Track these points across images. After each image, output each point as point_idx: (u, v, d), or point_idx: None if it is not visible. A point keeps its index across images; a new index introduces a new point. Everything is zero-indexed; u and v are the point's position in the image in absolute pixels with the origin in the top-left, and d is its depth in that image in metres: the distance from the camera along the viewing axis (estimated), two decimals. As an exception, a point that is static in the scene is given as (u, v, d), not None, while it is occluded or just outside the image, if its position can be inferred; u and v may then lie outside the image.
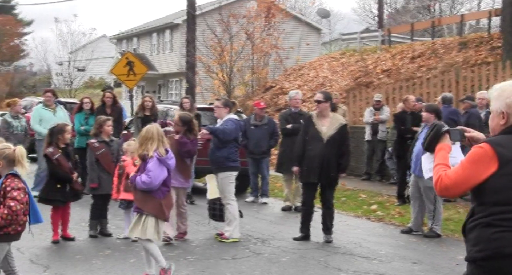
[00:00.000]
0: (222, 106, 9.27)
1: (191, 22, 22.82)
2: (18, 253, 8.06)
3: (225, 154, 9.14)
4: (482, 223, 3.61)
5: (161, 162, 6.89)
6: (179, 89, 37.18)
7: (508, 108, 3.67)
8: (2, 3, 55.09)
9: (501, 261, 3.52)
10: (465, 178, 3.63)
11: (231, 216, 9.20)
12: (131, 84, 19.63)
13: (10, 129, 12.54)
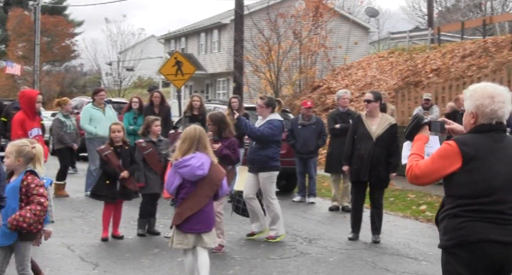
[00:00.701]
0: (265, 106, 9.11)
1: (239, 22, 22.88)
2: (69, 251, 8.21)
3: (270, 153, 9.08)
4: (449, 214, 3.98)
5: (174, 169, 6.36)
6: (227, 89, 37.32)
7: (477, 109, 4.01)
8: (54, 4, 56.16)
9: (466, 248, 3.89)
10: (433, 170, 4.02)
11: (274, 215, 9.12)
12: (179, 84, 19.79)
13: (63, 128, 12.76)
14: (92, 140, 12.58)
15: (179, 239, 6.40)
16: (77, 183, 13.60)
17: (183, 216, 6.30)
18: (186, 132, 6.42)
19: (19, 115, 8.97)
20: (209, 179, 6.35)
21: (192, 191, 6.33)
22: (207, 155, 6.36)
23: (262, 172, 9.15)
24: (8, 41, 54.89)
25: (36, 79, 41.19)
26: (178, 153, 6.32)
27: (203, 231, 6.40)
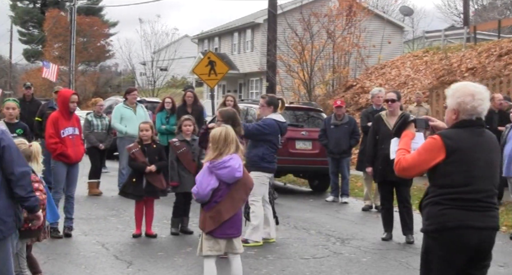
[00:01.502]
0: (266, 105, 8.86)
1: (272, 21, 22.86)
2: (103, 249, 8.30)
3: (260, 153, 8.76)
4: (432, 201, 4.39)
5: (209, 170, 6.02)
6: (260, 89, 37.33)
7: (459, 106, 4.39)
8: (90, 5, 56.80)
9: (446, 233, 4.31)
10: (419, 162, 4.39)
11: (254, 218, 8.72)
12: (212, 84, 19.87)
13: (91, 128, 12.97)
14: (123, 138, 12.72)
15: (210, 245, 6.06)
16: (111, 181, 13.75)
17: (220, 220, 5.97)
18: (223, 132, 6.08)
19: (54, 115, 9.10)
20: (243, 182, 6.11)
21: (227, 194, 6.03)
22: (240, 157, 6.15)
23: (252, 171, 8.86)
24: (45, 42, 55.69)
25: (71, 79, 41.70)
26: (215, 153, 6.01)
27: (235, 235, 6.15)
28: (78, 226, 9.65)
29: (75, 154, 8.93)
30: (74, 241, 8.81)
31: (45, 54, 54.17)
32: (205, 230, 6.04)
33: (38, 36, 58.38)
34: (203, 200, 6.03)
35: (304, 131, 14.08)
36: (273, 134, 8.79)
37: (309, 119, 14.73)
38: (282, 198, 13.16)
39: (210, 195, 5.98)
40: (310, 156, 13.96)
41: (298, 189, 15.53)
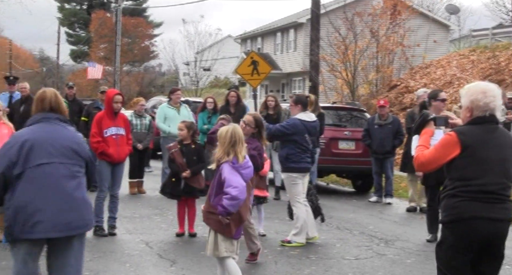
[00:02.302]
0: (293, 104, 8.82)
1: (315, 21, 22.75)
2: (147, 248, 8.37)
3: (284, 153, 8.73)
4: (448, 194, 4.65)
5: (235, 170, 5.85)
6: (303, 88, 37.23)
7: (472, 103, 4.64)
8: (135, 6, 57.47)
9: (460, 223, 4.57)
10: (436, 158, 4.68)
11: (295, 219, 8.71)
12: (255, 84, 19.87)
13: (130, 127, 13.04)
14: (166, 138, 12.82)
15: (227, 246, 5.96)
16: (155, 181, 13.88)
17: (241, 221, 5.99)
18: (235, 133, 5.94)
19: (99, 114, 9.25)
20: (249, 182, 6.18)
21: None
22: None
23: (282, 172, 8.97)
24: (91, 43, 56.56)
25: (116, 80, 42.23)
26: (234, 153, 5.87)
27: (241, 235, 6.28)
28: (123, 224, 9.76)
29: (118, 154, 9.02)
30: (118, 239, 8.92)
31: (91, 55, 55.00)
32: (230, 234, 5.95)
33: (84, 37, 59.34)
34: (243, 199, 5.82)
35: (347, 131, 14.00)
36: (297, 134, 8.67)
37: (352, 119, 14.65)
38: (325, 198, 13.10)
39: (246, 193, 5.87)
40: (353, 156, 13.87)
41: (341, 189, 15.45)
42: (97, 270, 7.25)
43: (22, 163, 4.61)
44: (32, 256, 4.72)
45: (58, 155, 4.72)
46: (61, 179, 4.68)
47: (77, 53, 61.55)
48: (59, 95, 5.05)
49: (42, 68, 73.58)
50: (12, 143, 4.71)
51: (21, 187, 4.60)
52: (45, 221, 4.57)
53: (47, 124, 4.83)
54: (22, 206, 4.56)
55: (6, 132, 8.56)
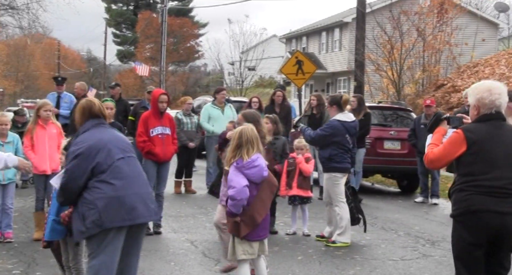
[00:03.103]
0: (329, 105, 8.90)
1: (361, 20, 22.59)
2: (192, 247, 8.43)
3: (327, 154, 8.72)
4: (457, 189, 4.89)
5: (238, 170, 5.80)
6: (348, 88, 37.01)
7: (478, 102, 4.85)
8: (180, 7, 57.93)
9: (469, 216, 4.80)
10: (444, 155, 4.93)
11: (340, 219, 8.65)
12: (299, 83, 19.85)
13: (181, 126, 13.13)
14: (210, 138, 12.88)
15: (244, 249, 5.85)
16: (200, 180, 13.96)
17: (254, 223, 5.79)
18: (245, 132, 5.87)
19: (145, 114, 9.35)
20: (268, 182, 5.93)
21: (256, 195, 5.81)
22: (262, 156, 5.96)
23: (324, 172, 8.93)
24: (137, 43, 57.22)
25: (162, 79, 42.62)
26: (241, 153, 5.80)
27: (266, 236, 6.03)
28: (168, 223, 9.85)
29: (164, 153, 9.10)
30: (163, 238, 9.00)
31: (137, 55, 55.65)
32: (240, 235, 5.83)
33: (131, 38, 60.05)
34: (244, 199, 5.71)
35: (393, 131, 13.86)
36: (338, 135, 8.68)
37: (397, 119, 14.50)
38: (370, 199, 13.00)
39: (248, 192, 5.72)
40: (399, 156, 13.73)
41: (386, 190, 15.30)
42: (142, 268, 7.31)
43: (102, 163, 4.97)
44: (120, 244, 5.03)
45: (128, 150, 5.20)
46: (139, 169, 5.23)
47: (124, 53, 62.34)
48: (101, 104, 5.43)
49: (89, 69, 74.76)
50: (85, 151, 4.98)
51: (108, 181, 4.95)
52: (139, 207, 4.99)
53: (103, 129, 5.23)
54: (114, 196, 4.92)
55: (55, 132, 8.73)
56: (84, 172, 4.92)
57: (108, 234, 4.91)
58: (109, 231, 4.90)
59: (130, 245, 5.14)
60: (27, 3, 30.14)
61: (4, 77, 53.51)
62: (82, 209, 4.93)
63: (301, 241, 8.96)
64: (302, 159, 9.25)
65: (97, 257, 4.96)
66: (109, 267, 4.99)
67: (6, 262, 7.40)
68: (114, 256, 5.00)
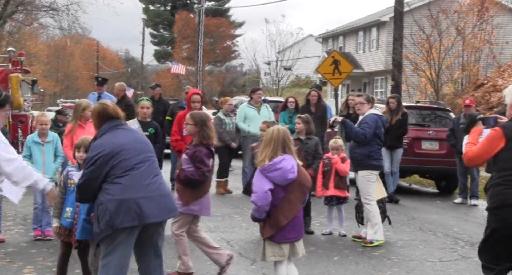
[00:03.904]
0: (366, 101, 8.98)
1: (399, 19, 22.38)
2: (228, 246, 8.45)
3: (366, 151, 8.72)
4: (495, 183, 5.16)
5: (261, 173, 5.69)
6: (385, 88, 36.73)
7: None
8: (217, 7, 58.18)
9: (505, 209, 5.01)
10: (483, 152, 5.19)
11: (372, 217, 8.65)
12: (336, 83, 19.75)
13: (223, 126, 13.13)
14: (246, 137, 12.89)
15: (273, 250, 5.78)
16: (236, 180, 13.97)
17: (279, 225, 5.69)
18: (270, 134, 5.81)
19: (180, 113, 9.44)
20: (298, 183, 5.76)
21: (283, 197, 5.70)
22: (293, 157, 5.80)
23: (359, 170, 8.83)
24: (174, 43, 57.62)
25: (199, 79, 42.85)
26: (263, 157, 5.70)
27: (297, 238, 5.88)
28: (204, 223, 9.86)
29: None
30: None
31: (174, 55, 56.03)
32: (264, 235, 5.81)
33: (168, 38, 60.51)
34: (266, 203, 5.63)
35: (431, 131, 13.72)
36: (379, 127, 8.84)
37: (436, 119, 14.34)
38: (407, 199, 12.88)
39: (270, 197, 5.62)
40: (437, 156, 13.57)
41: (424, 190, 15.14)
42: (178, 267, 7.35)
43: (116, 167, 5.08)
44: (131, 244, 5.14)
45: (146, 150, 5.29)
46: (156, 169, 5.29)
47: (161, 53, 62.85)
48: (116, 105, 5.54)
49: (127, 69, 75.55)
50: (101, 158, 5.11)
51: (120, 183, 5.06)
52: (149, 208, 5.06)
53: (120, 131, 5.32)
54: (125, 198, 5.01)
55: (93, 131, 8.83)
56: (98, 176, 5.08)
57: (120, 234, 5.04)
58: (121, 231, 5.03)
59: (148, 245, 5.28)
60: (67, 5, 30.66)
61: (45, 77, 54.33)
62: (97, 211, 5.10)
63: (337, 241, 8.91)
64: (338, 159, 9.23)
65: (109, 256, 5.08)
66: (121, 266, 5.10)
67: (46, 259, 7.51)
68: (126, 255, 5.12)
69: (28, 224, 9.41)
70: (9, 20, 31.66)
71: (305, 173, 5.94)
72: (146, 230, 5.17)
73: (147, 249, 5.30)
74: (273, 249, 5.78)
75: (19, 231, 9.21)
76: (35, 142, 8.71)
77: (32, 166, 5.63)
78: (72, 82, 69.24)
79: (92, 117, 5.49)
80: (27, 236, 8.85)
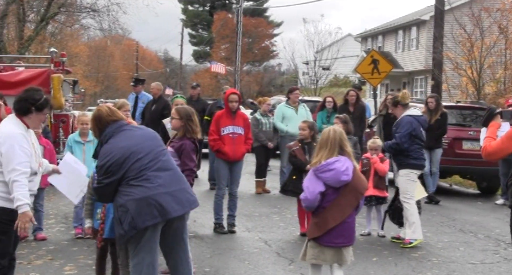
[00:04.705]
0: (393, 107, 9.04)
1: (439, 18, 22.12)
2: (266, 246, 8.44)
3: (405, 151, 8.71)
4: None
5: (314, 174, 5.62)
6: (424, 87, 36.32)
7: None
8: (255, 7, 58.24)
9: None
10: (502, 148, 5.23)
11: (410, 215, 8.60)
12: (375, 83, 19.64)
13: (259, 126, 13.14)
14: (284, 137, 12.87)
15: (314, 253, 5.64)
16: (274, 179, 13.97)
17: (326, 227, 5.54)
18: (326, 134, 5.71)
19: (218, 113, 9.46)
20: (352, 186, 5.61)
21: (334, 199, 5.58)
22: (349, 159, 5.69)
23: (400, 169, 8.80)
24: (213, 43, 57.88)
25: (237, 79, 42.93)
26: (319, 158, 5.62)
27: (345, 244, 5.66)
28: (242, 222, 9.89)
29: (234, 152, 9.14)
30: (237, 237, 9.04)
31: (212, 55, 56.28)
32: (309, 236, 5.70)
33: (206, 38, 60.80)
34: (313, 205, 5.59)
35: (472, 131, 13.50)
36: (415, 129, 8.75)
37: (477, 119, 14.09)
38: (448, 200, 12.72)
39: (318, 199, 5.55)
40: (479, 156, 13.25)
41: (465, 191, 14.93)
42: (217, 266, 7.38)
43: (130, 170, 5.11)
44: (157, 241, 5.19)
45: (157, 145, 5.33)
46: (169, 163, 5.32)
47: (199, 53, 63.19)
48: (111, 106, 5.58)
49: (166, 69, 76.13)
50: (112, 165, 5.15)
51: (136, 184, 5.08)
52: (168, 203, 5.09)
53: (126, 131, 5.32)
54: (143, 197, 5.03)
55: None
56: (113, 182, 5.13)
57: (145, 233, 5.08)
58: (145, 230, 5.06)
59: (173, 239, 5.34)
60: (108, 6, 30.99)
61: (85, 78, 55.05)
62: (118, 214, 5.15)
63: (376, 242, 8.83)
64: (377, 159, 9.19)
65: (138, 256, 5.14)
66: (152, 263, 5.15)
67: (87, 257, 7.61)
68: (153, 252, 5.17)
69: (69, 222, 9.56)
70: (52, 21, 32.16)
71: (361, 177, 5.80)
72: (169, 225, 5.22)
73: (173, 244, 5.35)
74: (314, 251, 5.65)
75: (60, 229, 9.35)
76: (76, 141, 8.84)
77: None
78: (112, 82, 70.04)
79: (91, 125, 5.53)
80: (68, 234, 8.99)
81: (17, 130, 5.19)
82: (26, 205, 5.02)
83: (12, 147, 5.06)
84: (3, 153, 5.07)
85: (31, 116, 5.31)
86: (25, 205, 5.01)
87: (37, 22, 30.47)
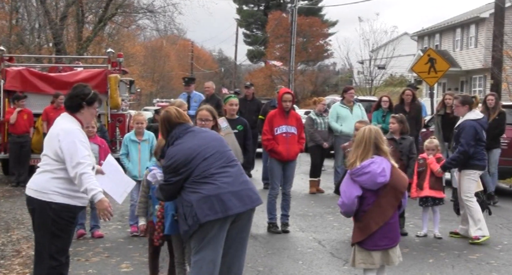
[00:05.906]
0: (460, 104, 8.94)
1: (499, 15, 21.60)
2: (320, 246, 8.40)
3: (470, 153, 8.76)
4: None
5: (350, 177, 5.49)
6: (483, 86, 35.58)
7: None
8: (310, 6, 58.04)
9: None
10: None
11: (474, 213, 8.68)
12: (431, 82, 19.32)
13: (314, 126, 13.07)
14: (338, 137, 12.78)
15: (363, 257, 5.52)
16: (328, 179, 13.90)
17: (368, 231, 5.44)
18: (361, 134, 5.55)
19: (271, 113, 9.46)
20: (391, 186, 5.44)
21: (374, 202, 5.43)
22: (386, 159, 5.50)
23: (464, 169, 8.87)
24: (267, 43, 57.95)
25: (291, 79, 42.87)
26: (354, 158, 5.48)
27: (390, 246, 5.53)
28: (296, 222, 9.86)
29: (287, 152, 9.11)
30: (291, 236, 9.02)
31: (266, 55, 56.35)
32: (353, 240, 5.59)
33: (261, 38, 60.92)
34: (351, 210, 5.46)
35: (533, 131, 13.13)
36: (478, 133, 8.80)
37: (538, 119, 13.72)
38: (508, 201, 12.42)
39: (356, 203, 5.41)
40: (540, 157, 12.98)
41: (525, 193, 14.54)
42: (271, 266, 7.38)
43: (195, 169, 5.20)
44: (222, 239, 5.22)
45: (222, 146, 5.42)
46: (232, 161, 5.38)
47: (254, 53, 63.35)
48: (179, 109, 5.62)
49: (221, 69, 76.57)
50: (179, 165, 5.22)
51: (202, 182, 5.17)
52: (231, 201, 5.16)
53: (192, 133, 5.39)
54: (207, 195, 5.11)
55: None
56: (179, 181, 5.21)
57: (211, 229, 5.11)
58: (211, 226, 5.11)
59: (234, 238, 5.33)
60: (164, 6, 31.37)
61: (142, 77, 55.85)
62: (182, 210, 5.21)
63: (432, 243, 8.69)
64: (434, 159, 9.05)
65: (200, 252, 5.15)
66: (213, 261, 5.17)
67: (142, 255, 7.70)
68: (217, 250, 5.18)
69: (125, 221, 9.70)
70: (109, 22, 32.73)
71: (401, 175, 5.62)
72: (235, 224, 5.25)
73: (233, 242, 5.35)
74: (362, 256, 5.53)
75: (117, 227, 9.50)
76: (132, 140, 8.97)
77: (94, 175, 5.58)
78: (167, 82, 70.82)
79: (159, 127, 5.58)
80: (124, 232, 9.12)
81: (74, 126, 5.33)
82: (100, 192, 5.15)
83: (73, 142, 5.19)
84: (63, 149, 5.18)
85: (83, 111, 5.44)
86: (99, 193, 5.14)
87: (95, 23, 31.06)
